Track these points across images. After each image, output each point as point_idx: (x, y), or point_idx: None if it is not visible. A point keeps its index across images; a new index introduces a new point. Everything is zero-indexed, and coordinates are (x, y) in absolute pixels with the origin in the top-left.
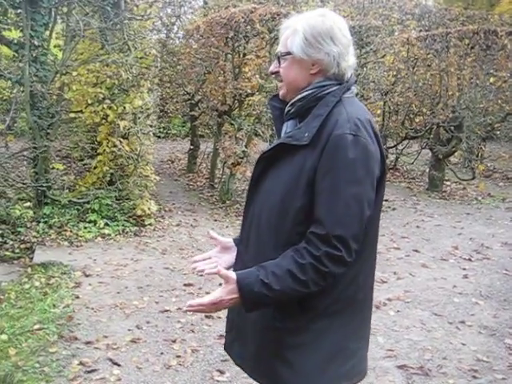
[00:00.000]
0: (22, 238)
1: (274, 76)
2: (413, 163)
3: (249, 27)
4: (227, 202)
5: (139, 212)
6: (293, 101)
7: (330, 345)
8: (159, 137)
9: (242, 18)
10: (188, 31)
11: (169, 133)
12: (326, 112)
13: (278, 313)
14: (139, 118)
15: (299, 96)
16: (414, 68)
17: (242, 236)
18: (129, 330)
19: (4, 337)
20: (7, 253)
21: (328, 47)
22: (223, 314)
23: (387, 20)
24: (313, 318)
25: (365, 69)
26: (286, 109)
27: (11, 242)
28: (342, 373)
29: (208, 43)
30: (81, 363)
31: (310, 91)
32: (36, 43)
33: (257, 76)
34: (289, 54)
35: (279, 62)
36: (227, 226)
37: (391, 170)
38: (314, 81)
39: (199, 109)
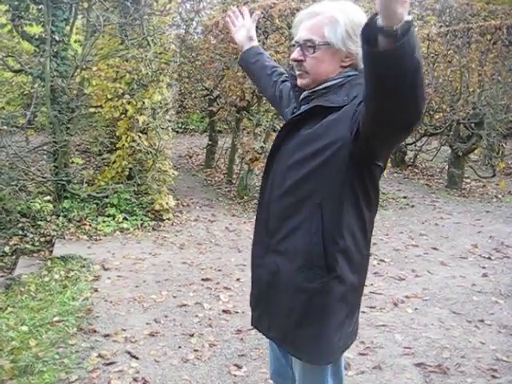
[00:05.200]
0: (41, 232)
1: (295, 64)
2: (432, 160)
3: (268, 22)
4: (245, 197)
5: (157, 207)
6: (316, 89)
7: (346, 307)
8: (177, 132)
9: (262, 13)
10: (207, 27)
11: (187, 128)
12: (356, 85)
13: (306, 272)
14: (158, 113)
15: (325, 85)
16: (434, 64)
17: (261, 197)
18: (147, 323)
19: (25, 328)
20: (27, 246)
21: None
22: (241, 309)
23: None
24: (337, 278)
25: None
26: (304, 94)
27: (31, 235)
28: (348, 333)
29: (227, 39)
30: (99, 355)
31: (337, 80)
32: (57, 38)
33: None
34: (326, 44)
35: (314, 51)
36: (245, 222)
37: (410, 167)
38: (341, 73)
39: (218, 104)
